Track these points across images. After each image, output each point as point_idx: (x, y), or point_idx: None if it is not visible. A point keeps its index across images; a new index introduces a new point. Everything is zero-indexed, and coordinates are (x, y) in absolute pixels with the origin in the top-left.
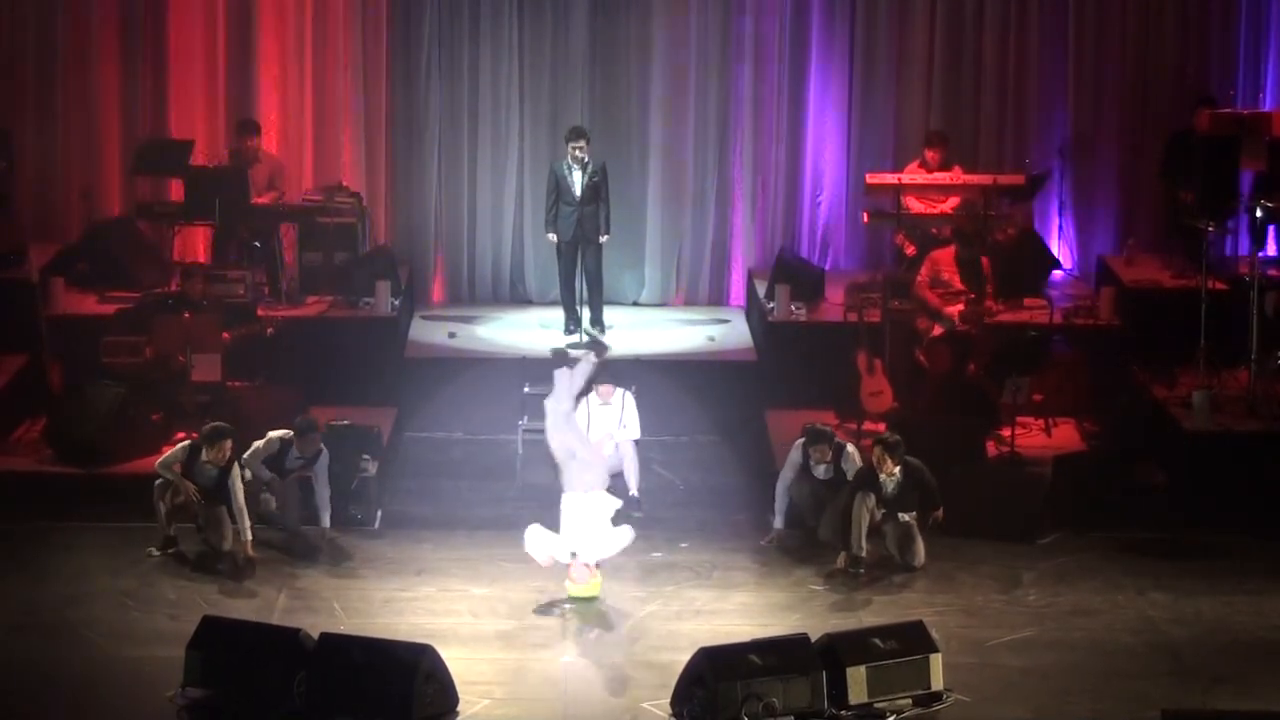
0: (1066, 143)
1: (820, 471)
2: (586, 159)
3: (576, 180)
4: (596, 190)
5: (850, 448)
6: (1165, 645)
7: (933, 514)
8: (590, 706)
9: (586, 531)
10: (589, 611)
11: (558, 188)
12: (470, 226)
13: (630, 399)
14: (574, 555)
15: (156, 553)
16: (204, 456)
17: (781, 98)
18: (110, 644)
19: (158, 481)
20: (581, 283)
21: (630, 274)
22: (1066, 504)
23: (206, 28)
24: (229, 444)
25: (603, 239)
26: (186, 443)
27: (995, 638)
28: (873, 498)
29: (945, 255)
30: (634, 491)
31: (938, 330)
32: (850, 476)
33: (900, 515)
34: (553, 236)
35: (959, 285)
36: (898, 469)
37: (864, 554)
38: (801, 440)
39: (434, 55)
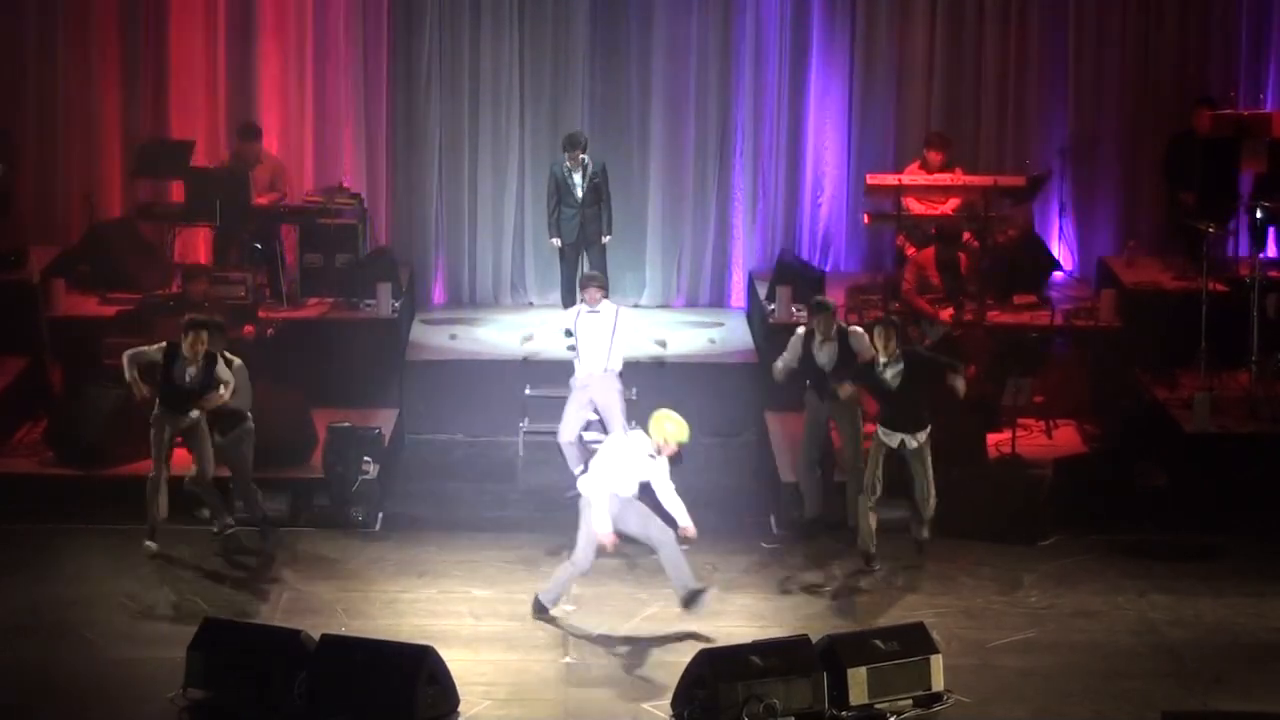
0: (1067, 144)
1: (824, 356)
2: (586, 161)
3: (577, 182)
4: (598, 191)
5: (858, 329)
6: (1166, 647)
7: (961, 375)
8: (591, 708)
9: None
10: (590, 613)
11: (558, 190)
12: (471, 228)
13: (626, 315)
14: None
15: (154, 546)
16: (183, 351)
17: (782, 99)
18: (111, 645)
19: (150, 476)
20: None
21: (631, 275)
22: (1067, 506)
23: (207, 29)
24: (204, 335)
25: (605, 239)
26: (163, 343)
27: (996, 639)
28: (874, 499)
29: (928, 257)
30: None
31: (929, 340)
32: (858, 354)
33: (909, 440)
34: (556, 241)
35: (944, 287)
36: (899, 353)
37: (873, 549)
38: (802, 329)
39: (434, 57)
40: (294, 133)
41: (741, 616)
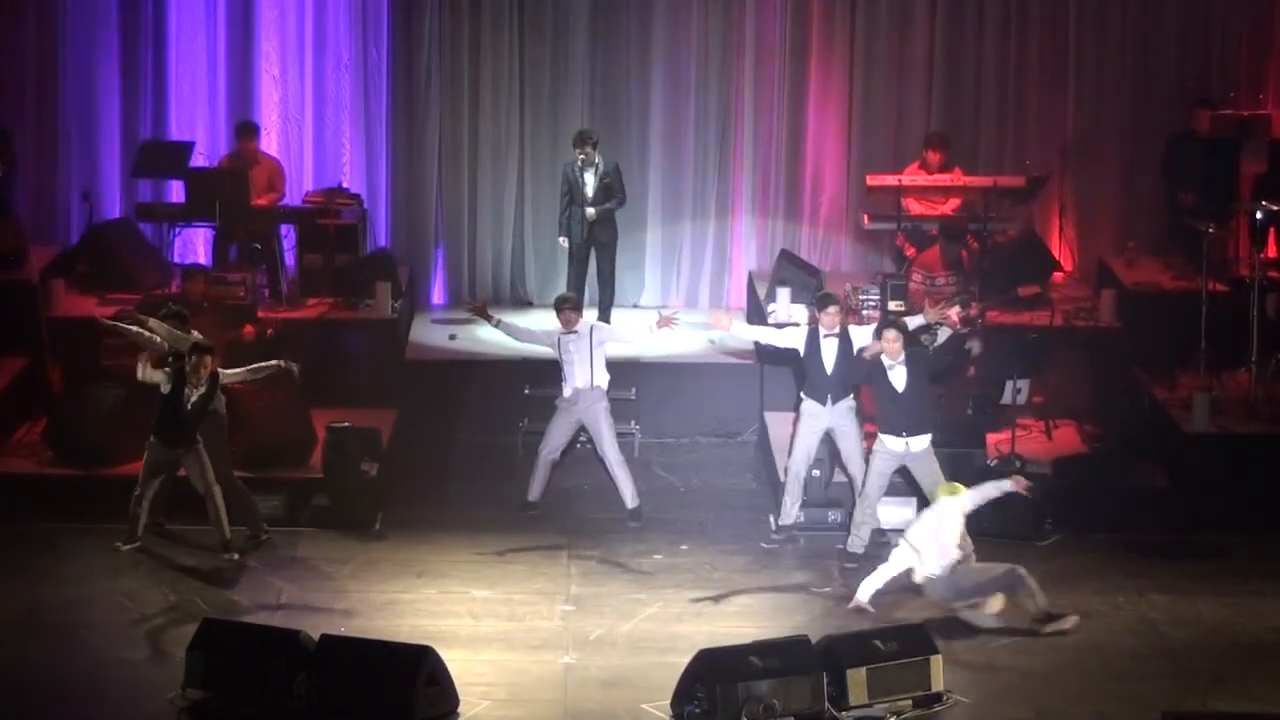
0: (1067, 144)
1: (829, 352)
2: (598, 159)
3: (588, 182)
4: (609, 192)
5: (861, 328)
6: (1165, 647)
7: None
8: (591, 708)
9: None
10: (590, 614)
11: (570, 189)
12: (471, 228)
13: (600, 331)
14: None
15: (123, 548)
16: (189, 376)
17: (782, 99)
18: (111, 645)
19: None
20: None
21: (630, 276)
22: (1067, 506)
23: (207, 29)
24: (209, 359)
25: (590, 211)
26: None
27: (996, 639)
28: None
29: (932, 258)
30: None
31: (940, 339)
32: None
33: (914, 443)
34: (564, 241)
35: (952, 285)
36: (905, 355)
37: (860, 551)
38: (804, 325)
39: (434, 57)
40: (294, 133)
41: (741, 616)
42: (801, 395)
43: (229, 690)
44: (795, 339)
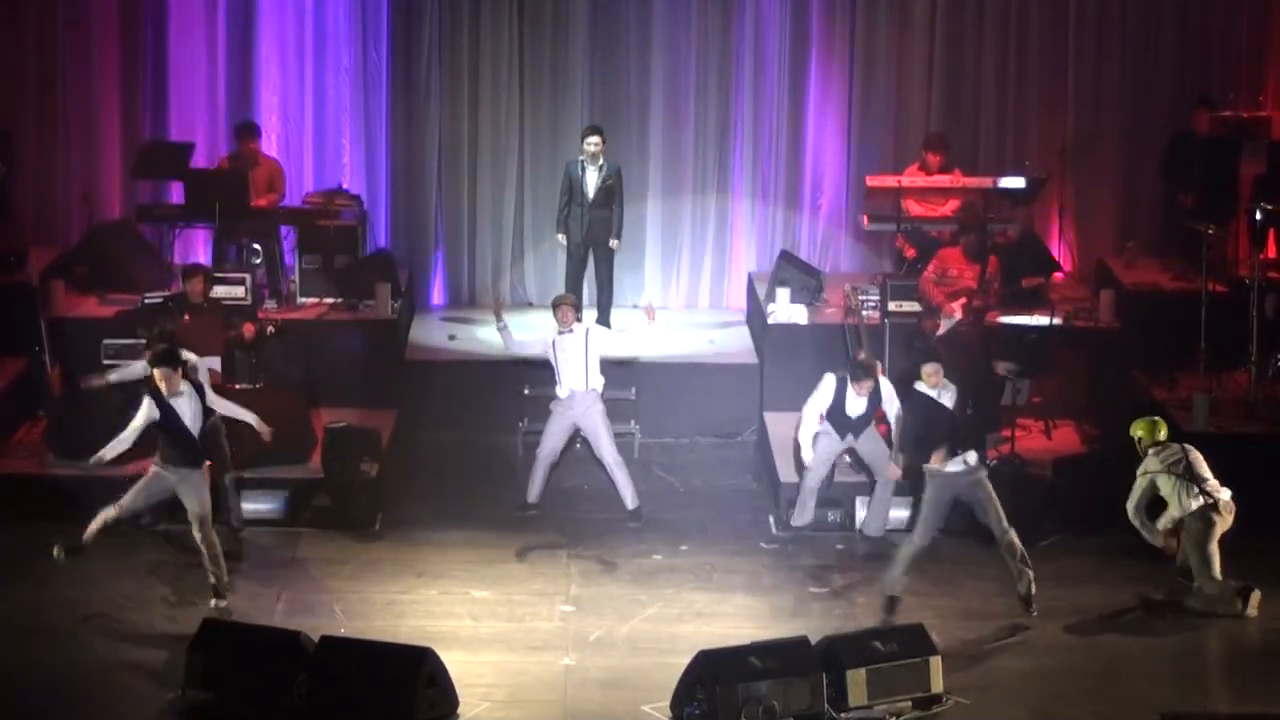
0: (1067, 144)
1: (855, 407)
2: (602, 160)
3: (590, 181)
4: (610, 193)
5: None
6: (1165, 647)
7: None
8: (590, 709)
9: None
10: (589, 614)
11: (570, 188)
12: (470, 229)
13: (595, 333)
14: None
15: (62, 556)
16: (162, 389)
17: (782, 100)
18: (111, 646)
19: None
20: (585, 286)
21: (630, 276)
22: (1067, 506)
23: (207, 30)
24: (166, 371)
25: (613, 244)
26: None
27: (995, 640)
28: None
29: (953, 252)
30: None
31: (942, 329)
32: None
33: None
34: (562, 237)
35: (966, 280)
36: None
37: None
38: (832, 375)
39: (434, 58)
40: (294, 133)
41: (741, 617)
42: (821, 415)
43: (229, 691)
44: (824, 391)
